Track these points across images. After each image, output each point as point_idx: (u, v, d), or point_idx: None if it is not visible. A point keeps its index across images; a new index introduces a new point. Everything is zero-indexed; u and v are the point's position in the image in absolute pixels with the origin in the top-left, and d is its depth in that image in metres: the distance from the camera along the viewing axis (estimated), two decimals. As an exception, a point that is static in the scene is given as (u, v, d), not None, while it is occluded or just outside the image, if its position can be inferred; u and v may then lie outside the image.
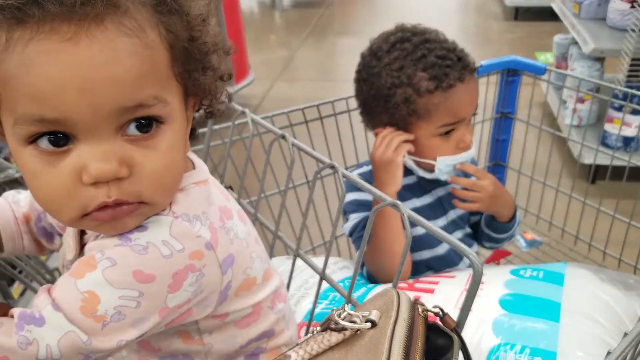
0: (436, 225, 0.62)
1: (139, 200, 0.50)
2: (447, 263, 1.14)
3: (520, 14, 4.76)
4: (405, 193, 1.13)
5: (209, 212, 0.58)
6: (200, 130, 1.03)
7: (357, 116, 1.22)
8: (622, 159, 1.35)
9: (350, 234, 1.12)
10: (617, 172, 1.36)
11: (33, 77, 0.44)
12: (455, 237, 1.20)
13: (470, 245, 1.23)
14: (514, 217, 1.18)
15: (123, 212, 0.50)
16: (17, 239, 0.72)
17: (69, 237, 0.63)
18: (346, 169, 1.27)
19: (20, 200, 0.73)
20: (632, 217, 1.31)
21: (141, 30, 0.47)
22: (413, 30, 1.07)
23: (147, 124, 0.49)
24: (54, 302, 0.51)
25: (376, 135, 1.09)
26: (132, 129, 0.49)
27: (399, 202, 0.63)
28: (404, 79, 1.02)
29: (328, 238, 1.41)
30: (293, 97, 3.41)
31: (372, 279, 1.09)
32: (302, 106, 1.24)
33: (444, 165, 1.08)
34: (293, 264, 0.81)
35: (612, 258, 1.37)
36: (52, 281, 0.99)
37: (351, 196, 1.12)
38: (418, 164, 1.10)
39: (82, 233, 0.62)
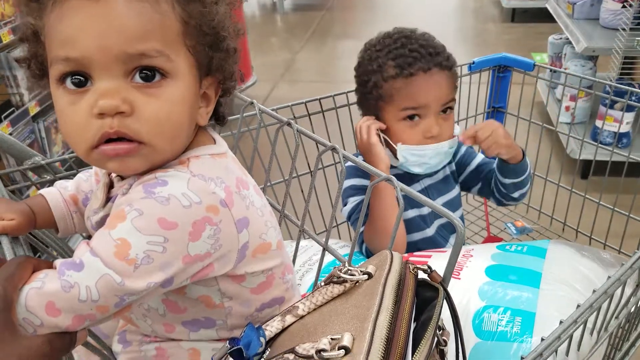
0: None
1: (138, 138, 0.60)
2: (434, 244, 1.23)
3: (517, 16, 4.86)
4: (396, 183, 1.21)
5: (225, 178, 0.65)
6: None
7: (356, 109, 1.31)
8: (605, 153, 1.41)
9: (349, 217, 1.21)
10: (605, 166, 1.41)
11: (63, 26, 0.58)
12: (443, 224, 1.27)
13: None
14: (523, 156, 1.21)
15: (124, 150, 0.60)
16: (67, 219, 0.82)
17: (98, 190, 0.72)
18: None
19: (67, 186, 0.84)
20: (615, 205, 1.39)
21: (154, 1, 0.59)
22: (403, 30, 1.17)
23: (152, 75, 0.60)
24: (91, 250, 0.58)
25: None
26: (138, 78, 0.59)
27: (392, 177, 0.71)
28: (375, 67, 1.14)
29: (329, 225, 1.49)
30: (295, 98, 3.43)
31: (370, 255, 1.17)
32: (304, 100, 1.32)
33: (409, 154, 1.14)
34: (298, 239, 0.89)
35: (597, 243, 1.44)
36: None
37: (349, 182, 1.21)
38: (393, 152, 1.17)
39: (109, 187, 0.71)
